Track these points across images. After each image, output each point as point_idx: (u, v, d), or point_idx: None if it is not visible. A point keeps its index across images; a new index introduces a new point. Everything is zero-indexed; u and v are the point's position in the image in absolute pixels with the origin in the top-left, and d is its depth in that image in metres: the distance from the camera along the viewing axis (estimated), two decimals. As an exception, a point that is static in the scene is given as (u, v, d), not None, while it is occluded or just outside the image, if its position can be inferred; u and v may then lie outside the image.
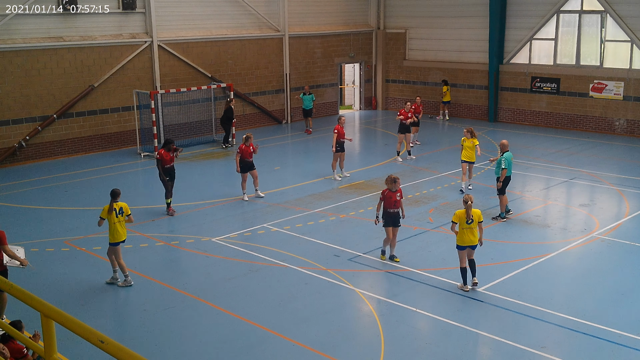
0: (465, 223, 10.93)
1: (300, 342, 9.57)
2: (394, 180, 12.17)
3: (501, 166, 14.65)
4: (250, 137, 16.63)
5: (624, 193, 16.88)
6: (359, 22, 30.16)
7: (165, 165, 15.33)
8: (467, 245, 11.08)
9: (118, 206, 11.31)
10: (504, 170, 14.63)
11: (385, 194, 12.23)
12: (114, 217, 11.26)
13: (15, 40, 20.16)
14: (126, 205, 11.50)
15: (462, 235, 11.03)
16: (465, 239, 11.04)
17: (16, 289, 4.48)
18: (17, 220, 15.28)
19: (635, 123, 24.16)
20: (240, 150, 16.44)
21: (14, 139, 20.54)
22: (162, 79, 23.46)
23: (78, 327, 3.84)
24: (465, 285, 11.25)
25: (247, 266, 12.43)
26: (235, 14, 25.50)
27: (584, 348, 9.40)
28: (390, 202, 12.18)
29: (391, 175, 12.34)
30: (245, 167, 16.45)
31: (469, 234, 11.01)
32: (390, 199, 12.17)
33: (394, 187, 12.17)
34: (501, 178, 14.65)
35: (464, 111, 28.44)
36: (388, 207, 12.23)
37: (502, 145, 15.02)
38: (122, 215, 11.34)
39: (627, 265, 12.40)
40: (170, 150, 15.38)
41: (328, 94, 29.24)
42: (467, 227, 10.97)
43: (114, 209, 11.25)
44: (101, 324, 10.14)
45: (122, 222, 11.36)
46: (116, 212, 11.26)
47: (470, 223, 10.94)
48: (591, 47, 24.99)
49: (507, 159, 14.73)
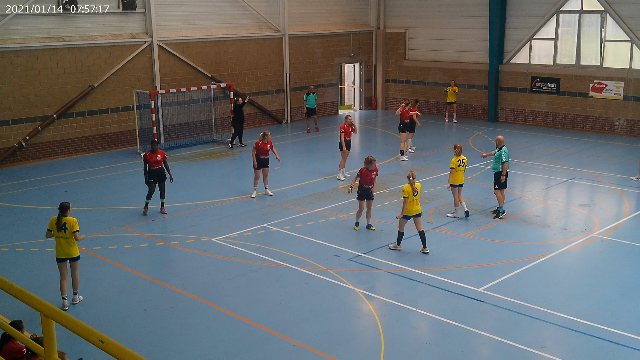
0: (412, 195, 12.58)
1: (300, 342, 9.57)
2: (370, 161, 13.89)
3: (502, 160, 14.78)
4: (268, 135, 16.72)
5: (624, 193, 16.88)
6: (359, 22, 30.16)
7: (151, 168, 15.16)
8: (413, 214, 12.72)
9: (64, 220, 10.52)
10: (505, 164, 14.75)
11: (363, 171, 13.95)
12: (55, 232, 10.55)
13: (15, 40, 20.16)
14: (74, 220, 10.61)
15: (411, 206, 12.62)
16: (412, 209, 12.66)
17: (16, 289, 4.48)
18: (17, 220, 15.28)
19: (635, 123, 24.16)
20: (256, 146, 16.57)
21: (14, 139, 20.54)
22: (162, 79, 23.46)
23: (78, 327, 3.84)
24: (398, 245, 13.00)
25: (247, 266, 12.43)
26: (235, 14, 25.50)
27: (584, 348, 9.40)
28: (367, 179, 13.94)
29: (369, 157, 14.00)
30: (259, 164, 16.54)
31: (415, 205, 12.66)
32: (367, 176, 13.93)
33: (370, 166, 13.88)
34: (504, 171, 14.76)
35: (464, 111, 28.43)
36: (364, 183, 13.99)
37: (499, 140, 15.21)
38: (66, 232, 10.48)
39: (627, 265, 12.40)
40: (157, 153, 15.21)
41: (328, 94, 29.24)
42: (413, 199, 12.60)
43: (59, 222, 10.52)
44: (101, 324, 10.14)
45: (67, 238, 10.51)
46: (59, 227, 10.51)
47: (416, 195, 12.65)
48: (591, 47, 24.99)
49: (506, 152, 14.94)
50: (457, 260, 12.58)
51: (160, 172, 15.30)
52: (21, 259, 12.94)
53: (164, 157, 15.37)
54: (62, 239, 10.57)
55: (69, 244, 10.59)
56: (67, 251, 10.62)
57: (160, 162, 15.24)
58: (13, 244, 13.69)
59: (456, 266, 12.31)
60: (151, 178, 15.24)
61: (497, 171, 14.93)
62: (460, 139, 23.49)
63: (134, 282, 11.76)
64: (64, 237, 10.55)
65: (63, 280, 10.77)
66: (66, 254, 10.64)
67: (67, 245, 10.60)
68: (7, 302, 10.02)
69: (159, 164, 15.23)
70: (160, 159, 15.25)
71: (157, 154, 15.21)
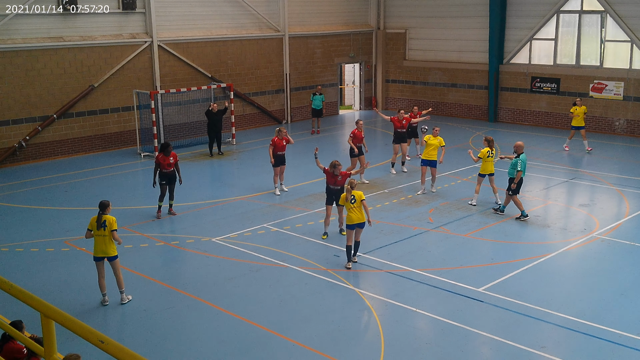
0: (349, 203, 11.98)
1: (300, 342, 9.57)
2: (334, 166, 13.59)
3: (517, 168, 14.57)
4: (283, 130, 16.72)
5: (624, 193, 16.88)
6: (359, 22, 30.17)
7: (163, 170, 14.93)
8: (354, 223, 12.05)
9: (104, 218, 10.56)
10: (519, 172, 14.54)
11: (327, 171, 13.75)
12: (95, 230, 10.57)
13: (15, 40, 20.16)
14: (113, 219, 10.65)
15: (349, 213, 12.08)
16: (353, 217, 12.02)
17: (16, 289, 4.48)
18: (17, 220, 15.28)
19: (635, 123, 24.16)
20: (273, 143, 16.56)
21: (14, 139, 20.54)
22: (162, 79, 23.46)
23: (78, 327, 3.84)
24: (349, 262, 12.30)
25: (247, 266, 12.43)
26: (235, 14, 25.50)
27: (584, 348, 9.40)
28: (332, 180, 13.71)
29: (334, 161, 13.68)
30: (278, 161, 16.56)
31: (355, 212, 12.02)
32: (332, 178, 13.67)
33: (335, 170, 13.59)
34: (516, 180, 14.58)
35: (464, 111, 28.45)
36: (329, 184, 13.77)
37: (518, 146, 14.86)
38: (105, 230, 10.50)
39: (627, 265, 12.40)
40: (170, 156, 14.91)
41: (328, 94, 29.21)
42: (351, 207, 12.01)
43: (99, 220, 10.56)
44: (101, 324, 10.14)
45: (105, 236, 10.54)
46: (99, 225, 10.53)
47: (354, 202, 11.99)
48: (591, 47, 24.99)
49: (523, 160, 14.66)
50: (457, 260, 12.58)
51: (172, 174, 15.08)
52: (21, 259, 12.93)
53: (176, 160, 15.07)
54: (100, 237, 10.57)
55: (106, 243, 10.56)
56: (104, 250, 10.59)
57: (172, 165, 14.98)
58: (13, 244, 13.69)
59: (456, 266, 12.31)
60: (163, 180, 14.99)
61: (511, 177, 14.77)
62: (460, 139, 23.50)
63: (134, 282, 11.76)
64: (102, 235, 10.55)
65: (101, 279, 10.81)
66: (104, 253, 10.62)
67: (105, 244, 10.56)
68: (7, 302, 10.02)
69: (172, 167, 14.97)
70: (173, 162, 14.98)
71: (169, 157, 14.90)
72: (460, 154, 21.18)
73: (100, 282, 10.83)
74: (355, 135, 17.52)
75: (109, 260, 10.69)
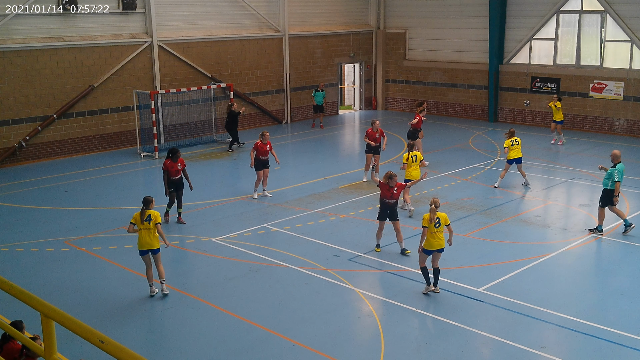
0: (433, 226, 10.76)
1: (300, 342, 9.57)
2: (390, 177, 12.67)
3: (614, 178, 13.70)
4: (267, 135, 16.64)
5: (624, 193, 16.87)
6: (359, 22, 30.17)
7: (171, 177, 14.60)
8: (434, 249, 10.91)
9: (149, 213, 10.95)
10: (617, 184, 13.70)
11: (382, 184, 12.85)
12: (139, 224, 10.94)
13: (15, 40, 20.16)
14: (157, 213, 11.06)
15: (429, 238, 10.81)
16: (433, 243, 10.83)
17: (16, 289, 4.48)
18: (17, 220, 15.28)
19: (635, 123, 24.16)
20: (255, 147, 16.44)
21: (14, 139, 20.54)
22: (162, 79, 23.46)
23: (78, 327, 3.84)
24: (429, 286, 11.09)
25: (247, 266, 12.43)
26: (235, 14, 25.50)
27: (584, 348, 9.40)
28: (387, 193, 12.77)
29: (389, 172, 12.80)
30: (260, 165, 16.42)
31: (436, 237, 10.82)
32: (387, 190, 12.78)
33: (391, 182, 12.67)
34: (616, 192, 13.73)
35: (464, 111, 28.44)
36: (383, 197, 12.85)
37: (615, 156, 14.03)
38: (150, 223, 10.90)
39: (627, 265, 12.40)
40: (178, 162, 14.60)
41: (328, 94, 29.21)
42: (434, 231, 10.77)
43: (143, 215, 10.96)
44: (101, 324, 10.14)
45: (150, 229, 10.91)
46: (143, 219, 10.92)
47: (438, 226, 10.77)
48: (591, 47, 24.99)
49: (620, 170, 13.86)
50: (457, 260, 12.57)
51: (180, 181, 14.73)
52: (21, 259, 12.93)
53: (184, 165, 14.77)
54: (144, 231, 10.91)
55: (150, 235, 10.91)
56: (149, 242, 10.92)
57: (180, 172, 14.68)
58: (13, 244, 13.69)
59: (456, 266, 12.31)
60: (171, 187, 14.67)
61: (606, 188, 13.81)
62: (460, 139, 23.49)
63: (134, 282, 11.76)
64: (147, 229, 10.90)
65: (149, 270, 11.15)
66: (149, 245, 10.94)
67: (149, 237, 10.91)
68: (7, 302, 10.02)
69: (179, 173, 14.68)
70: (181, 168, 14.69)
71: (177, 163, 14.61)
72: (461, 154, 21.20)
73: (148, 272, 11.16)
74: (369, 134, 17.65)
75: (152, 253, 11.04)
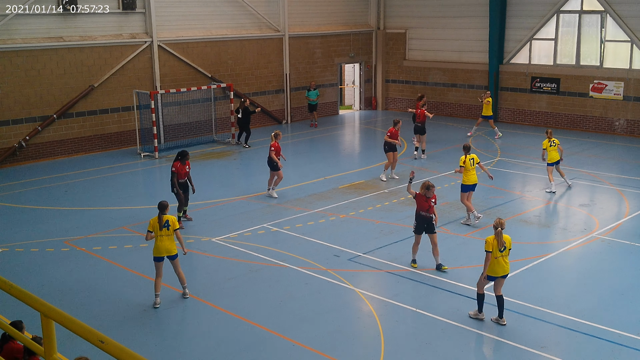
0: (498, 251, 9.79)
1: (300, 342, 9.58)
2: (427, 187, 11.85)
3: None
4: (280, 134, 16.72)
5: (624, 193, 16.88)
6: (359, 22, 30.16)
7: (179, 180, 14.61)
8: (498, 275, 9.91)
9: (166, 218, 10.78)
10: None
11: (419, 196, 12.00)
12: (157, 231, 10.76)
13: (15, 40, 20.16)
14: (174, 218, 10.94)
15: (491, 265, 9.79)
16: (497, 270, 9.83)
17: (16, 289, 4.48)
18: (17, 220, 15.28)
19: (635, 123, 24.16)
20: (275, 148, 16.40)
21: (14, 139, 20.54)
22: (162, 79, 23.46)
23: (78, 327, 3.84)
24: (480, 312, 10.18)
25: (247, 266, 12.43)
26: (235, 14, 25.50)
27: (584, 348, 9.40)
28: (424, 206, 11.91)
29: (427, 182, 12.01)
30: (277, 165, 16.42)
31: (500, 263, 9.83)
32: (424, 202, 11.93)
33: (428, 193, 11.83)
34: None
35: (464, 111, 28.44)
36: (420, 210, 11.98)
37: None
38: (169, 229, 10.74)
39: (627, 265, 12.40)
40: (186, 164, 14.61)
41: (328, 94, 29.23)
42: (499, 255, 9.78)
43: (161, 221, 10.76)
44: (101, 324, 10.14)
45: (169, 235, 10.77)
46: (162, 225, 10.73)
47: (503, 251, 9.80)
48: (591, 47, 24.99)
49: None
50: (457, 260, 12.57)
51: (185, 183, 14.77)
52: (21, 259, 12.93)
53: (190, 168, 14.87)
54: (164, 237, 10.74)
55: (170, 241, 10.78)
56: (168, 248, 10.77)
57: (187, 174, 14.72)
58: (13, 244, 13.69)
59: (456, 266, 12.31)
60: (180, 189, 14.68)
61: None
62: (460, 139, 23.48)
63: (134, 282, 11.76)
64: (167, 235, 10.76)
65: (158, 278, 10.91)
66: (167, 251, 10.78)
67: (170, 242, 10.77)
68: (7, 302, 10.02)
69: (186, 176, 14.71)
70: (188, 170, 14.75)
71: (186, 165, 14.64)
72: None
73: (157, 282, 10.91)
74: (392, 134, 17.96)
75: (170, 258, 10.88)
